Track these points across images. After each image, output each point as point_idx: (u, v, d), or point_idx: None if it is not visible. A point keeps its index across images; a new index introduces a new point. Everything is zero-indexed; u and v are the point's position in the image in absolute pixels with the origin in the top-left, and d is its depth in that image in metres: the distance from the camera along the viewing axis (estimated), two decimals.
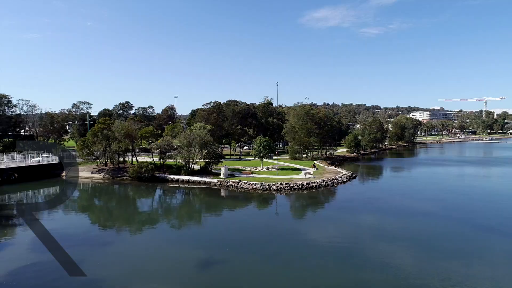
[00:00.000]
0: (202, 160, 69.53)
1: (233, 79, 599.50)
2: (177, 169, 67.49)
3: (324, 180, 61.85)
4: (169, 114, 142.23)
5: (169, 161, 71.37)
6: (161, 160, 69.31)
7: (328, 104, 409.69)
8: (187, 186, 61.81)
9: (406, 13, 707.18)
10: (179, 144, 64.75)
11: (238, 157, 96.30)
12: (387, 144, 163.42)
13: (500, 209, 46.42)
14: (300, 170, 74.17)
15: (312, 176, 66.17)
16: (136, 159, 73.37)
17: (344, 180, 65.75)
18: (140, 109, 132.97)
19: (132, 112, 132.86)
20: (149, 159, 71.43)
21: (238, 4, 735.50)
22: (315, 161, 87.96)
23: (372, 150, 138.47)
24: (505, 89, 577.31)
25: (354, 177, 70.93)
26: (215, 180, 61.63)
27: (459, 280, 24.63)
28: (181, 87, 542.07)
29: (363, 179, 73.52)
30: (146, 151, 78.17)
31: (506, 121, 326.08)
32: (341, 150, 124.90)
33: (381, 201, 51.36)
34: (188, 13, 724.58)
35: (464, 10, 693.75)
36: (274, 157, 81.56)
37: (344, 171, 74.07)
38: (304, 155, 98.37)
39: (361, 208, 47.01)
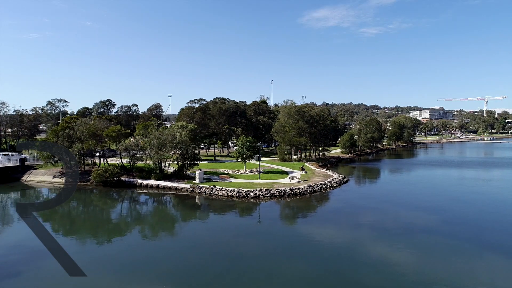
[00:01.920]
0: (176, 162, 62.62)
1: (232, 79, 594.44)
2: (147, 173, 60.47)
3: (310, 186, 54.85)
4: (155, 113, 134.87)
5: (141, 163, 64.46)
6: (131, 163, 62.33)
7: (327, 104, 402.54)
8: (157, 192, 54.71)
9: (406, 13, 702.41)
10: (147, 145, 57.76)
11: (213, 159, 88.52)
12: (385, 144, 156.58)
13: (506, 220, 39.67)
14: (286, 173, 67.23)
15: (298, 180, 59.17)
16: (106, 162, 66.47)
17: (334, 185, 58.73)
18: (123, 107, 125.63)
19: (115, 110, 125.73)
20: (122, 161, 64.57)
21: (238, 4, 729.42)
22: (305, 163, 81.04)
23: (369, 151, 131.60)
24: (506, 88, 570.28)
25: (346, 182, 63.89)
26: (188, 186, 54.68)
27: None
28: (179, 87, 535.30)
29: (356, 184, 66.29)
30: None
31: (507, 120, 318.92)
32: (336, 151, 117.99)
33: (373, 212, 44.21)
34: (187, 14, 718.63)
35: (464, 10, 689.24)
36: (262, 158, 74.46)
37: (335, 175, 67.07)
38: (295, 157, 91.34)
39: (348, 222, 39.83)
